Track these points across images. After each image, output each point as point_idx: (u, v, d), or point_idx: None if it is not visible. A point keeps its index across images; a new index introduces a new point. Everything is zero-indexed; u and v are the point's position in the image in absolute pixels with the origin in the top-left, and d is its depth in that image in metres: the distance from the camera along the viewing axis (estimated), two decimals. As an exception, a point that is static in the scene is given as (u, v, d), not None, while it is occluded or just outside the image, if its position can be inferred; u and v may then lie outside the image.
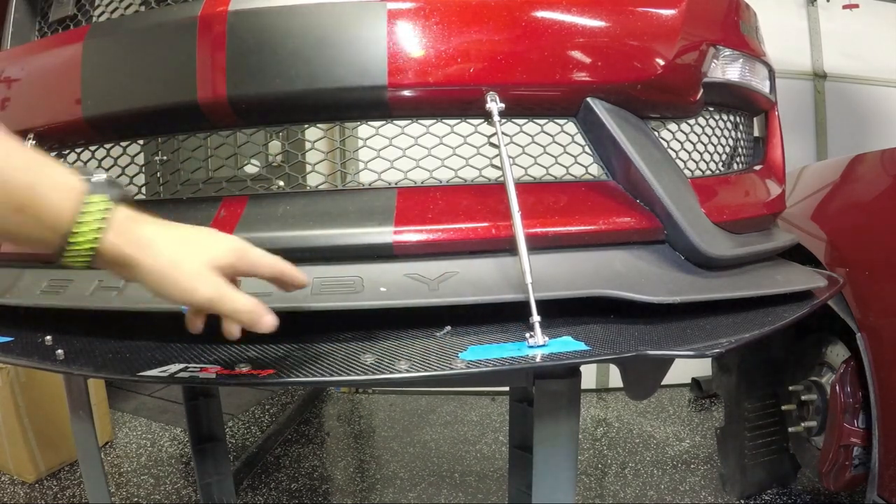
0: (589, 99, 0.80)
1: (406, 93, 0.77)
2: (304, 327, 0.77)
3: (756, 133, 1.14)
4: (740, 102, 1.04)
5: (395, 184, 0.81)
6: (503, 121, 0.76)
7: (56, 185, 0.50)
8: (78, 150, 0.93)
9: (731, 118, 1.03)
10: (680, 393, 2.97)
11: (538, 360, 0.65)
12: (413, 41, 0.75)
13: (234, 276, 0.59)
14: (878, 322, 1.43)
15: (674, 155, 0.89)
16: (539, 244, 0.75)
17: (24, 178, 0.48)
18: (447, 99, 0.79)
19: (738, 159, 1.06)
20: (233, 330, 0.58)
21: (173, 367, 0.67)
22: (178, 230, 0.56)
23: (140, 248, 0.53)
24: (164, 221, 0.56)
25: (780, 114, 1.14)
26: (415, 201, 0.78)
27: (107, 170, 0.90)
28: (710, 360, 2.34)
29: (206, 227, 0.60)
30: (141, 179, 0.90)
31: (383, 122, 0.81)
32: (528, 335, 0.69)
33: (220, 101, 0.77)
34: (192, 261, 0.54)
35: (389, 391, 3.03)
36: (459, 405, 2.89)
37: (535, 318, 0.68)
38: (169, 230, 0.56)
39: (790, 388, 1.81)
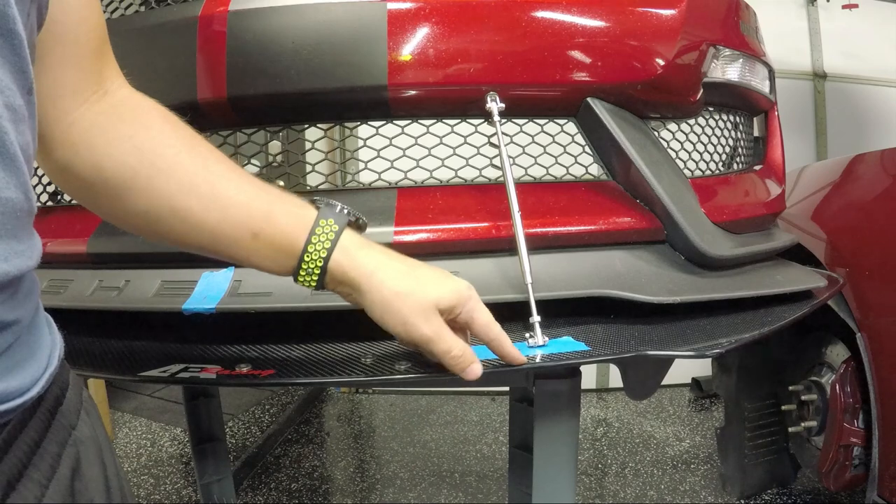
0: (589, 99, 0.80)
1: (406, 93, 0.77)
2: (304, 327, 0.77)
3: (756, 133, 1.14)
4: (740, 102, 1.04)
5: (396, 184, 0.81)
6: (503, 121, 0.76)
7: (289, 212, 0.54)
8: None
9: (731, 118, 1.03)
10: (680, 393, 2.97)
11: (538, 360, 0.65)
12: (413, 41, 0.75)
13: (449, 319, 0.58)
14: (878, 322, 1.43)
15: (674, 155, 0.89)
16: (539, 244, 0.75)
17: (261, 207, 0.52)
18: (447, 99, 0.79)
19: (737, 159, 1.06)
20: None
21: (173, 367, 0.67)
22: (405, 263, 0.57)
23: (365, 274, 0.54)
24: (393, 252, 0.57)
25: (779, 114, 1.14)
26: (415, 201, 0.78)
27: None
28: (710, 360, 2.34)
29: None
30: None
31: (383, 122, 0.81)
32: (528, 335, 0.69)
33: (219, 100, 0.77)
34: (416, 297, 0.55)
35: (389, 391, 3.03)
36: (459, 405, 2.88)
37: (535, 318, 0.68)
38: (395, 262, 0.56)
39: (790, 388, 1.81)
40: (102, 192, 0.50)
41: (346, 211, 0.56)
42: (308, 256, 0.53)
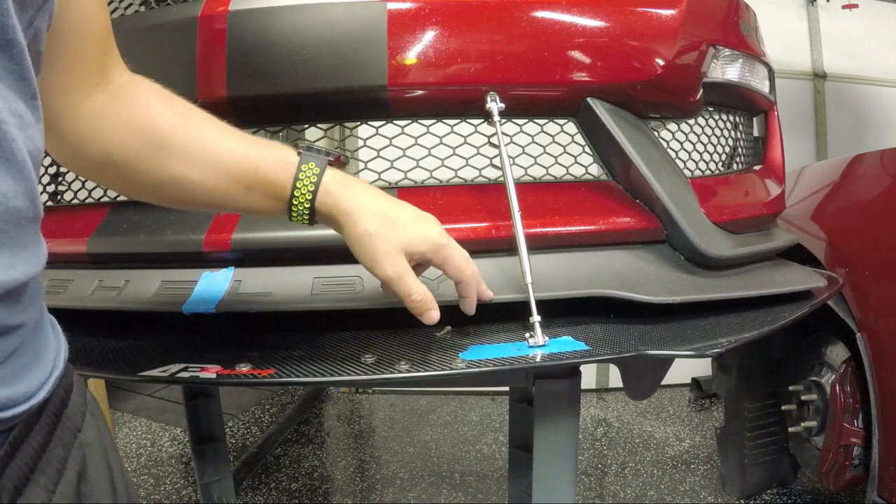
0: (589, 99, 0.80)
1: (406, 93, 0.77)
2: (304, 327, 0.77)
3: (756, 133, 1.14)
4: (740, 102, 1.04)
5: (395, 184, 0.81)
6: (503, 121, 0.76)
7: (276, 162, 0.58)
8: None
9: (731, 118, 1.03)
10: (680, 393, 2.97)
11: (538, 360, 0.65)
12: (413, 41, 0.75)
13: (423, 262, 0.63)
14: (878, 322, 1.43)
15: (674, 155, 0.89)
16: (539, 244, 0.75)
17: (250, 162, 0.57)
18: (447, 99, 0.79)
19: (737, 159, 1.06)
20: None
21: (173, 367, 0.67)
22: (384, 203, 0.61)
23: (344, 212, 0.60)
24: (375, 189, 0.62)
25: (779, 114, 1.14)
26: (414, 201, 0.77)
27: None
28: (710, 360, 2.34)
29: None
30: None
31: (383, 122, 0.81)
32: (528, 335, 0.69)
33: (219, 101, 0.77)
34: (386, 239, 0.60)
35: (389, 391, 3.03)
36: (459, 405, 2.89)
37: (535, 318, 0.68)
38: (376, 201, 0.61)
39: (790, 388, 1.81)
40: (112, 173, 0.56)
41: (327, 153, 0.60)
42: (296, 200, 0.58)
